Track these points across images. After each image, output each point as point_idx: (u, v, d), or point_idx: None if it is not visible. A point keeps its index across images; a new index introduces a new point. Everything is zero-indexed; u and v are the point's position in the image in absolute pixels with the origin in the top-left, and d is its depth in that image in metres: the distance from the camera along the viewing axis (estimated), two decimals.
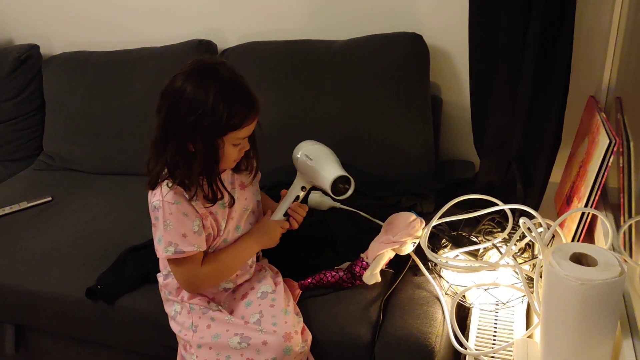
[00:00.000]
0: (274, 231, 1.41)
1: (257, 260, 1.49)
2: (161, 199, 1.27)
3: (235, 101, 1.21)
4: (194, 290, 1.37)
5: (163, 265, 1.42)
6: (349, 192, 1.35)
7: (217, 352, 1.32)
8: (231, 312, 1.40)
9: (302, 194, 1.43)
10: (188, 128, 1.20)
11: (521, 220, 1.21)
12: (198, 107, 1.19)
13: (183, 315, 1.40)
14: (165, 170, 1.28)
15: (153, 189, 1.30)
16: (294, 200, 1.43)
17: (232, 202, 1.35)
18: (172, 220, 1.27)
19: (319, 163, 1.38)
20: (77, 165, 2.26)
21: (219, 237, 1.37)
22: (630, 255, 1.22)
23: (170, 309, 1.44)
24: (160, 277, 1.46)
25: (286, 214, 1.43)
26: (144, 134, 2.07)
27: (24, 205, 2.02)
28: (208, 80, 1.20)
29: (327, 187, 1.34)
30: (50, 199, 2.06)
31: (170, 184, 1.27)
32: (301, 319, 1.38)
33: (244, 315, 1.37)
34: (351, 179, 1.34)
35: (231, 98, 1.20)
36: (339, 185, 1.34)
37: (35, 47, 2.39)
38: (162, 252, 1.28)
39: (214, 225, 1.34)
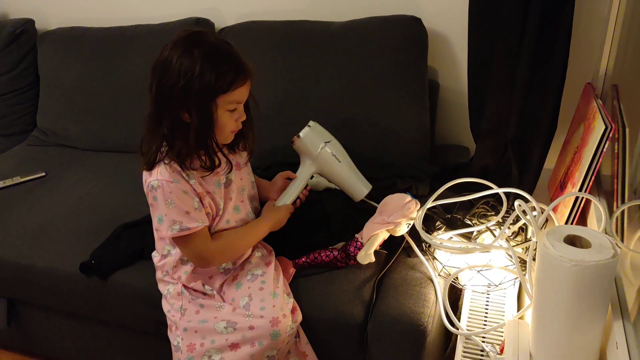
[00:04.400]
0: (284, 217, 1.46)
1: None
2: (159, 178, 1.27)
3: (223, 63, 1.22)
4: (206, 265, 1.37)
5: (160, 246, 1.42)
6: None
7: (202, 335, 1.33)
8: (223, 293, 1.41)
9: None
10: (179, 95, 1.21)
11: (516, 203, 1.22)
12: (186, 72, 1.20)
13: (174, 296, 1.40)
14: (163, 148, 1.28)
15: (150, 169, 1.29)
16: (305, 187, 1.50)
17: (231, 167, 1.36)
18: (173, 199, 1.27)
19: (348, 170, 1.52)
20: (71, 142, 2.25)
21: (219, 217, 1.37)
22: (622, 240, 1.23)
23: (163, 288, 1.44)
24: (155, 258, 1.46)
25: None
26: (139, 112, 2.06)
27: (18, 180, 2.01)
28: (193, 46, 1.21)
29: (357, 197, 1.52)
30: (44, 174, 2.05)
31: (167, 162, 1.27)
32: (291, 299, 1.38)
33: (234, 298, 1.37)
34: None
35: (218, 60, 1.22)
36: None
37: (31, 22, 2.36)
38: (167, 231, 1.28)
39: (212, 205, 1.35)
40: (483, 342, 1.26)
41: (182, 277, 1.40)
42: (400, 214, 1.42)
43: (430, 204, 1.46)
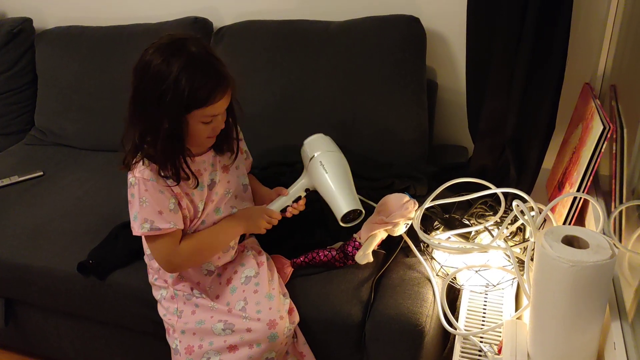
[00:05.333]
0: (257, 217, 1.38)
1: (240, 241, 1.47)
2: (137, 175, 1.27)
3: (200, 77, 1.18)
4: (172, 269, 1.36)
5: (146, 244, 1.42)
6: (356, 222, 1.34)
7: (200, 337, 1.33)
8: (217, 297, 1.39)
9: (303, 195, 1.42)
10: (153, 103, 1.19)
11: (514, 203, 1.22)
12: (162, 81, 1.17)
13: (167, 300, 1.40)
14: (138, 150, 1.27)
15: (128, 169, 1.29)
16: (295, 200, 1.42)
17: (196, 184, 1.31)
18: (147, 197, 1.26)
19: (335, 182, 1.34)
20: (69, 141, 2.24)
21: (197, 219, 1.36)
22: (620, 241, 1.24)
23: (157, 293, 1.44)
24: (146, 258, 1.46)
25: (283, 210, 1.41)
26: None
27: (15, 179, 2.00)
28: (173, 55, 1.18)
29: (337, 215, 1.31)
30: (41, 173, 2.04)
31: (146, 161, 1.27)
32: (288, 299, 1.38)
33: (229, 302, 1.36)
34: (362, 211, 1.32)
35: (195, 73, 1.18)
36: (349, 215, 1.32)
37: (28, 21, 2.35)
38: (138, 229, 1.28)
39: (190, 207, 1.34)
40: (481, 342, 1.26)
41: (168, 281, 1.40)
42: (399, 214, 1.41)
43: (428, 203, 1.46)
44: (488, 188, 1.43)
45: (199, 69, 1.19)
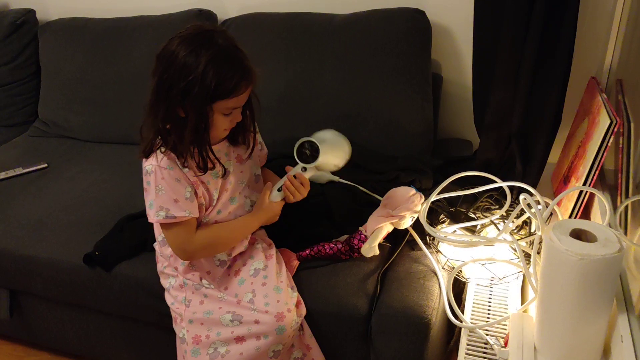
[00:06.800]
0: (273, 211, 1.40)
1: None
2: (154, 163, 1.27)
3: (226, 70, 1.20)
4: (186, 257, 1.37)
5: (157, 231, 1.43)
6: (316, 161, 1.37)
7: (208, 327, 1.33)
8: (225, 289, 1.40)
9: (299, 173, 1.41)
10: (178, 94, 1.20)
11: (521, 197, 1.22)
12: (189, 72, 1.18)
13: (176, 288, 1.41)
14: (159, 137, 1.28)
15: (147, 157, 1.29)
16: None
17: (224, 172, 1.35)
18: (164, 185, 1.27)
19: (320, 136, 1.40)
20: (73, 133, 2.24)
21: (212, 207, 1.37)
22: (626, 235, 1.24)
23: (165, 281, 1.45)
24: (156, 245, 1.46)
25: (280, 189, 1.41)
26: (141, 103, 2.07)
27: (20, 171, 2.00)
28: (201, 47, 1.19)
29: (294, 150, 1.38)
30: (46, 165, 2.04)
31: (163, 150, 1.28)
32: (296, 293, 1.38)
33: (237, 294, 1.37)
34: (319, 146, 1.35)
35: (222, 66, 1.19)
36: (304, 149, 1.37)
37: (32, 12, 2.35)
38: (154, 216, 1.28)
39: (206, 195, 1.34)
40: (487, 335, 1.27)
41: (179, 268, 1.41)
42: (405, 207, 1.42)
43: (434, 197, 1.46)
44: (493, 182, 1.43)
45: (226, 61, 1.20)
